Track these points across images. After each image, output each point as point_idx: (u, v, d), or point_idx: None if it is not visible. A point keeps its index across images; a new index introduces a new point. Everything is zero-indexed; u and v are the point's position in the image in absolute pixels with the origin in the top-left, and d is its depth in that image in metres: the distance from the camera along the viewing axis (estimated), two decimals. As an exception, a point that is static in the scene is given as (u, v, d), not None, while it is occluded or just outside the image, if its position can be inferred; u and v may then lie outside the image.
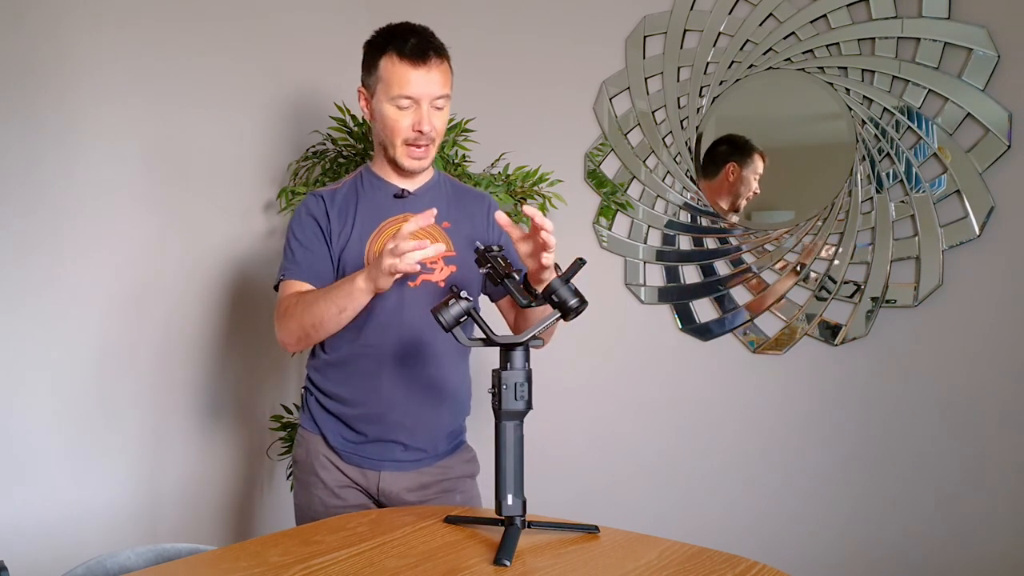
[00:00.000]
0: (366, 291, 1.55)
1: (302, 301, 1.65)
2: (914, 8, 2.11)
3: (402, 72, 1.64)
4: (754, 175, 2.33)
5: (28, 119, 2.05)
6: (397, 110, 1.66)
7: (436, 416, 1.76)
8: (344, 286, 1.57)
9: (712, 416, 2.43)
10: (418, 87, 1.64)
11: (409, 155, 1.70)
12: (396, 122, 1.67)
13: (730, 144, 2.36)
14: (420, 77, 1.64)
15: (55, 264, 2.11)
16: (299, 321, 1.64)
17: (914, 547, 2.17)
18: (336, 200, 1.75)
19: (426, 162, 1.72)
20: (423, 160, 1.71)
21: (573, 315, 1.43)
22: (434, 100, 1.67)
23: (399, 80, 1.64)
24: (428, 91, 1.65)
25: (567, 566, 1.31)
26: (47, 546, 2.07)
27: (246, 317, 2.55)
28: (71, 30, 2.11)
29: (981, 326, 2.09)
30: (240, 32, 2.52)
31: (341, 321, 1.61)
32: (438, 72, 1.66)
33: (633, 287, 2.54)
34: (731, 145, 2.36)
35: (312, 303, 1.62)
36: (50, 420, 2.11)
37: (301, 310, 1.64)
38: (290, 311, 1.66)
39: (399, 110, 1.66)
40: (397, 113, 1.67)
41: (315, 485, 1.77)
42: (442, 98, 1.68)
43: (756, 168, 2.32)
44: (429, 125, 1.66)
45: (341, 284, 1.59)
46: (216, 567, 1.33)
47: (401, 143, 1.69)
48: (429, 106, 1.66)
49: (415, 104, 1.66)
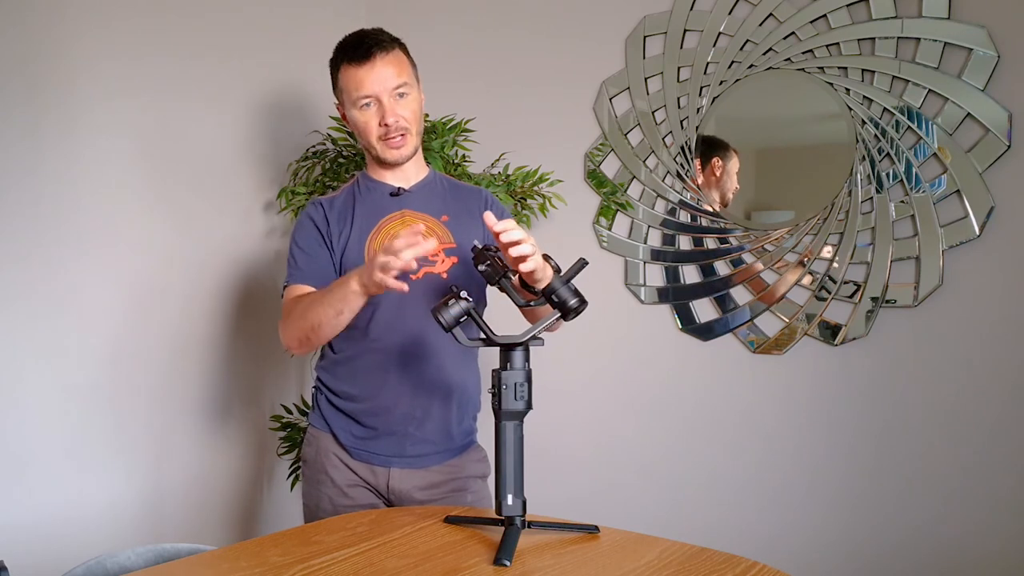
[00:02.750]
0: (360, 294, 1.56)
1: (301, 304, 1.67)
2: (914, 8, 2.11)
3: (352, 75, 1.72)
4: (734, 169, 2.36)
5: (28, 118, 2.05)
6: (362, 112, 1.73)
7: (444, 408, 1.77)
8: (338, 290, 1.58)
9: (712, 416, 2.43)
10: (371, 84, 1.70)
11: (388, 147, 1.75)
12: (365, 123, 1.74)
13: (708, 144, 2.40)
14: (368, 74, 1.70)
15: (55, 263, 2.11)
16: (299, 324, 1.66)
17: (914, 547, 2.17)
18: (335, 206, 1.79)
19: (407, 150, 1.76)
20: (403, 148, 1.75)
21: (573, 315, 1.43)
22: (393, 91, 1.71)
23: (353, 83, 1.72)
24: (383, 86, 1.71)
25: (567, 566, 1.31)
26: (47, 546, 2.07)
27: (246, 317, 2.55)
28: (71, 29, 2.11)
29: (981, 326, 2.09)
30: (240, 32, 2.52)
31: (339, 323, 1.62)
32: (385, 64, 1.71)
33: (633, 287, 2.54)
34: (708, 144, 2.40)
35: (310, 306, 1.64)
36: (51, 420, 2.11)
37: (300, 313, 1.66)
38: (291, 315, 1.69)
39: (364, 111, 1.73)
40: (363, 114, 1.73)
41: (324, 484, 1.77)
42: (400, 87, 1.72)
43: (735, 163, 2.36)
44: (393, 116, 1.71)
45: (336, 288, 1.60)
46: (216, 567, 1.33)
47: (376, 140, 1.74)
48: (390, 98, 1.71)
49: (376, 101, 1.71)
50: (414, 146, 1.77)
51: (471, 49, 2.75)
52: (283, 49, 2.64)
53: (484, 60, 2.73)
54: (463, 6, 2.77)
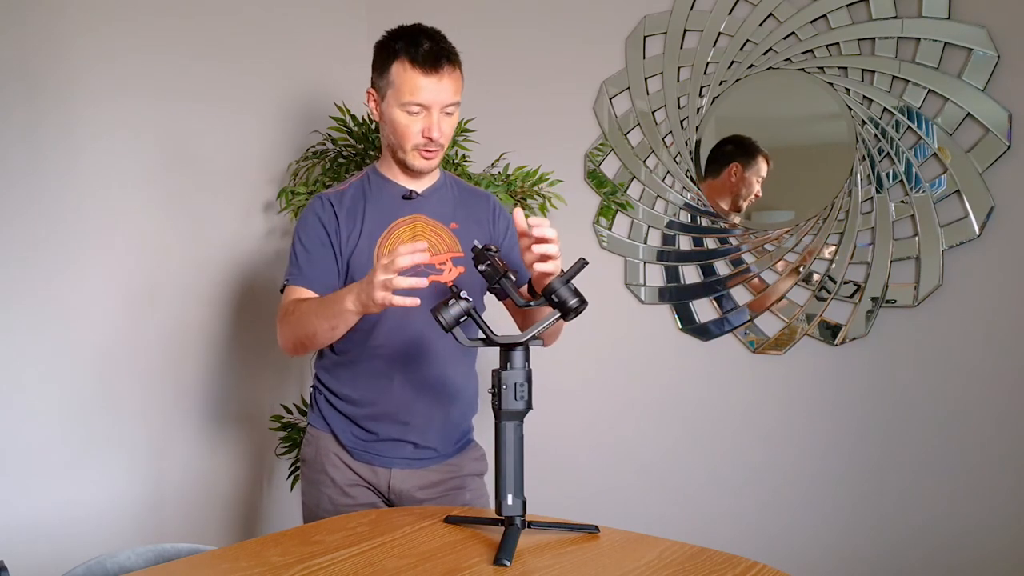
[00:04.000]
0: (355, 313, 1.54)
1: (298, 311, 1.65)
2: (914, 8, 2.11)
3: (413, 79, 1.63)
4: (757, 177, 2.32)
5: (28, 118, 2.05)
6: (407, 116, 1.66)
7: (446, 415, 1.76)
8: (334, 306, 1.56)
9: (712, 416, 2.43)
10: (430, 95, 1.64)
11: (419, 156, 1.70)
12: (406, 128, 1.67)
13: (736, 144, 2.36)
14: (432, 85, 1.63)
15: (55, 263, 2.11)
16: (294, 331, 1.66)
17: (914, 547, 2.17)
18: (344, 202, 1.74)
19: (435, 163, 1.73)
20: (432, 161, 1.71)
21: (573, 315, 1.43)
22: (444, 107, 1.66)
23: (411, 87, 1.63)
24: (439, 99, 1.64)
25: (567, 566, 1.31)
26: (47, 546, 2.07)
27: (246, 317, 2.55)
28: (70, 29, 2.11)
29: (981, 326, 2.09)
30: (240, 32, 2.52)
31: (334, 336, 1.62)
32: (450, 80, 1.65)
33: (633, 287, 2.54)
34: (736, 145, 2.36)
35: (306, 316, 1.62)
36: (51, 419, 2.11)
37: (296, 320, 1.64)
38: (288, 319, 1.67)
39: (409, 115, 1.66)
40: (407, 119, 1.66)
41: (324, 484, 1.77)
42: (452, 105, 1.68)
43: (760, 170, 2.32)
44: (439, 132, 1.66)
45: (331, 303, 1.57)
46: (216, 567, 1.33)
47: (411, 148, 1.69)
48: (440, 112, 1.66)
49: (425, 111, 1.65)
50: (441, 159, 1.75)
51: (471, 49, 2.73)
52: (283, 49, 2.64)
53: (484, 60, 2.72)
54: (463, 6, 2.77)
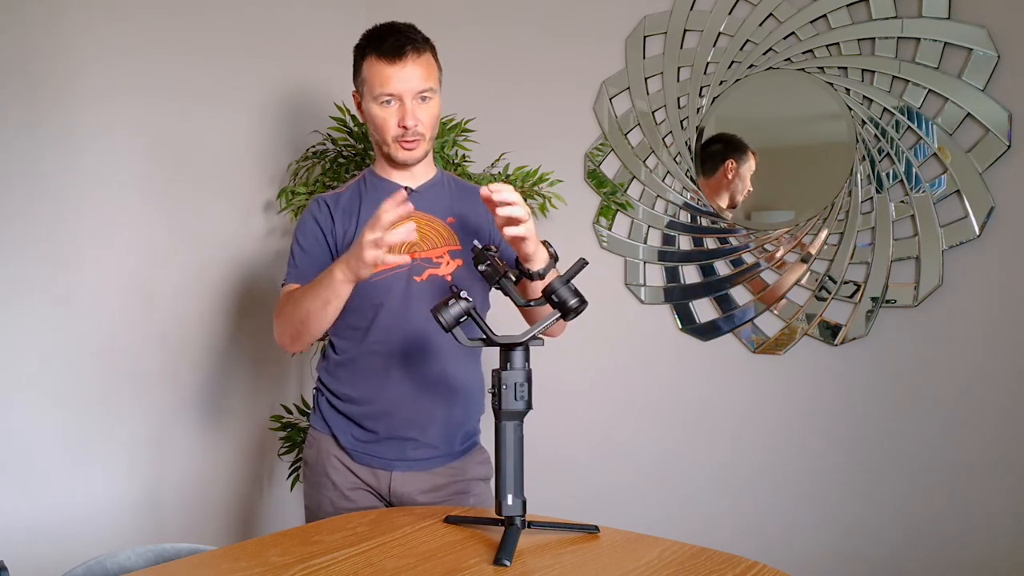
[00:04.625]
0: (346, 282, 1.55)
1: (291, 299, 1.67)
2: (914, 8, 2.11)
3: (380, 70, 1.68)
4: (749, 172, 2.33)
5: (28, 118, 2.05)
6: (382, 108, 1.70)
7: (447, 412, 1.76)
8: (323, 281, 1.58)
9: (712, 416, 2.43)
10: (397, 84, 1.67)
11: (400, 148, 1.72)
12: (384, 120, 1.71)
13: (724, 142, 2.37)
14: (397, 73, 1.67)
15: (55, 263, 2.11)
16: (289, 318, 1.67)
17: (914, 547, 2.17)
18: (340, 203, 1.77)
19: (419, 153, 1.74)
20: (415, 152, 1.73)
21: (573, 315, 1.43)
22: (417, 94, 1.69)
23: (379, 79, 1.68)
24: (408, 86, 1.68)
25: (567, 566, 1.31)
26: (47, 546, 2.07)
27: (246, 317, 2.55)
28: (70, 28, 2.11)
29: (981, 326, 2.09)
30: (240, 31, 2.52)
31: (328, 314, 1.61)
32: (416, 66, 1.68)
33: (633, 287, 2.54)
34: (725, 143, 2.37)
35: (299, 300, 1.64)
36: (51, 420, 2.11)
37: (290, 308, 1.66)
38: (282, 311, 1.69)
39: (384, 107, 1.70)
40: (383, 111, 1.70)
41: (325, 486, 1.77)
42: (426, 91, 1.70)
43: (751, 166, 2.33)
44: (413, 119, 1.69)
45: (321, 279, 1.60)
46: (216, 567, 1.33)
47: (391, 140, 1.72)
48: (412, 101, 1.69)
49: (398, 100, 1.69)
50: (425, 149, 1.75)
51: (471, 49, 2.75)
52: (283, 49, 2.64)
53: (484, 60, 2.73)
54: (463, 6, 2.77)
